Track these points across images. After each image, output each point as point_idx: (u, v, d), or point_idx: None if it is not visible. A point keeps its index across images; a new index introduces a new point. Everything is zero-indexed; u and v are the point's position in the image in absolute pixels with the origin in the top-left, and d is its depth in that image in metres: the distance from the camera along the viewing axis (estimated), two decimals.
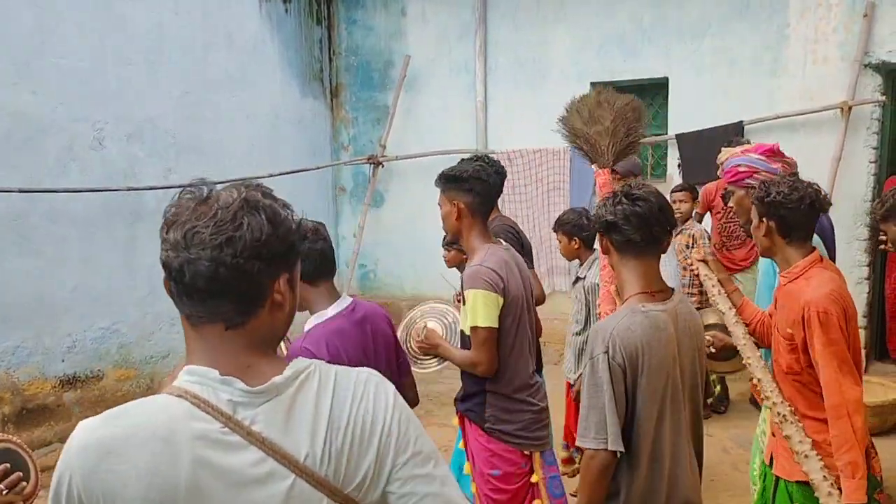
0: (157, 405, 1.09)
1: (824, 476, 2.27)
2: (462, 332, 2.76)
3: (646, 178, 6.33)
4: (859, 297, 5.58)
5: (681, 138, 6.02)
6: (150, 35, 5.73)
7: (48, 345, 4.98)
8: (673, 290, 2.15)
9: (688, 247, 4.73)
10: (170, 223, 1.11)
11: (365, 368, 1.24)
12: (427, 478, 1.18)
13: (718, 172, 5.19)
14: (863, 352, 5.45)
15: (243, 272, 1.08)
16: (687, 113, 6.07)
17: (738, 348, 2.44)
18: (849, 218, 5.54)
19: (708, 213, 5.48)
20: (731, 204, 2.68)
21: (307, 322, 2.32)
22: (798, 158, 5.74)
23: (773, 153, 2.83)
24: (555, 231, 4.10)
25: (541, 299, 3.36)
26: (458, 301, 2.88)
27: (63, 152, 5.13)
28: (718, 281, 2.65)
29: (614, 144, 3.11)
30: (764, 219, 2.44)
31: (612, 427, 1.93)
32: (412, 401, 2.50)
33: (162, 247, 1.11)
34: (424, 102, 7.37)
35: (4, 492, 1.89)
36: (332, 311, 2.31)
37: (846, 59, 5.45)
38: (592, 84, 6.52)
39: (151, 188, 5.66)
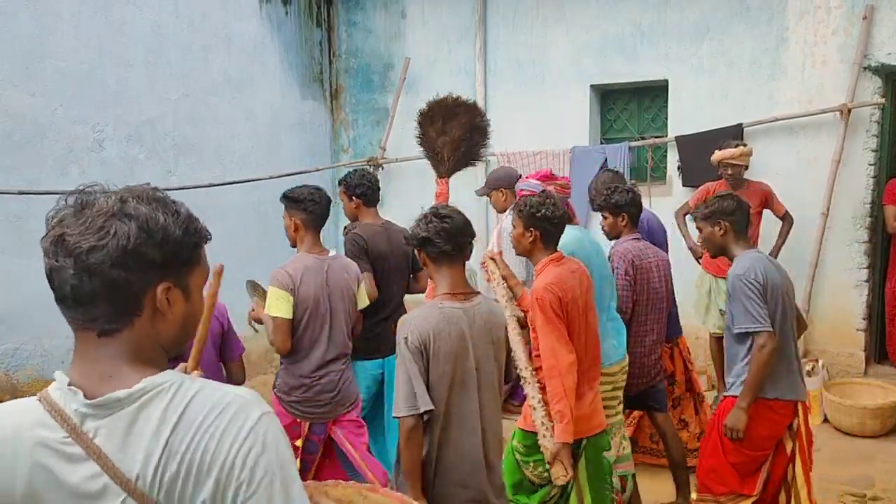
0: (15, 408, 1.10)
1: (542, 422, 2.90)
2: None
3: (645, 181, 6.34)
4: (858, 300, 5.58)
5: (680, 140, 6.02)
6: (149, 37, 5.74)
7: (47, 347, 4.98)
8: (478, 293, 2.62)
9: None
10: (47, 230, 1.11)
11: (238, 390, 1.15)
12: None
13: (719, 172, 5.28)
14: (862, 354, 5.50)
15: (109, 280, 1.07)
16: (687, 115, 6.07)
17: (507, 327, 2.89)
18: (848, 220, 5.54)
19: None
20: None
21: None
22: (797, 161, 5.81)
23: (548, 178, 3.56)
24: None
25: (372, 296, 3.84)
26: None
27: (63, 154, 5.13)
28: (502, 276, 3.20)
29: (455, 156, 3.60)
30: (531, 229, 3.04)
31: (419, 393, 2.38)
32: (240, 381, 3.18)
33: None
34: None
35: None
36: None
37: (845, 62, 5.45)
38: (592, 86, 6.53)
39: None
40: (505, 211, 4.53)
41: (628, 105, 6.71)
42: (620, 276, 3.70)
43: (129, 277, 1.08)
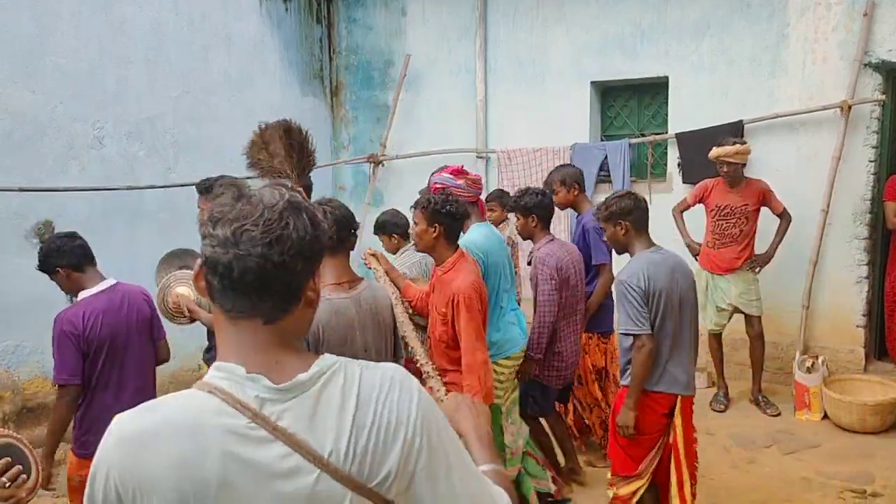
0: (188, 400, 1.11)
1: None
2: None
3: (645, 178, 6.33)
4: (858, 297, 5.58)
5: (681, 138, 6.02)
6: (149, 35, 5.74)
7: (48, 344, 4.97)
8: (362, 279, 2.80)
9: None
10: (215, 220, 1.14)
11: (390, 365, 1.24)
12: (446, 482, 1.18)
13: (717, 169, 5.26)
14: (862, 350, 5.50)
15: (288, 270, 1.13)
16: (687, 112, 6.07)
17: (398, 322, 2.96)
18: (848, 217, 5.54)
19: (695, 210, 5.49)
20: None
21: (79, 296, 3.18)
22: (798, 157, 5.81)
23: (459, 173, 3.68)
24: (376, 234, 4.66)
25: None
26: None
27: (63, 151, 5.14)
28: (384, 271, 3.33)
29: (296, 165, 3.84)
30: (435, 225, 3.17)
31: None
32: (166, 358, 3.49)
33: (207, 242, 1.14)
34: (424, 102, 7.37)
35: (7, 484, 1.91)
36: (96, 289, 3.16)
37: (846, 59, 5.44)
38: (593, 83, 6.53)
39: (151, 187, 5.66)
40: None
41: (629, 102, 6.71)
42: (546, 283, 3.90)
43: (303, 267, 1.16)
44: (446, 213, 3.15)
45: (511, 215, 5.11)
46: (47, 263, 3.17)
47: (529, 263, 4.14)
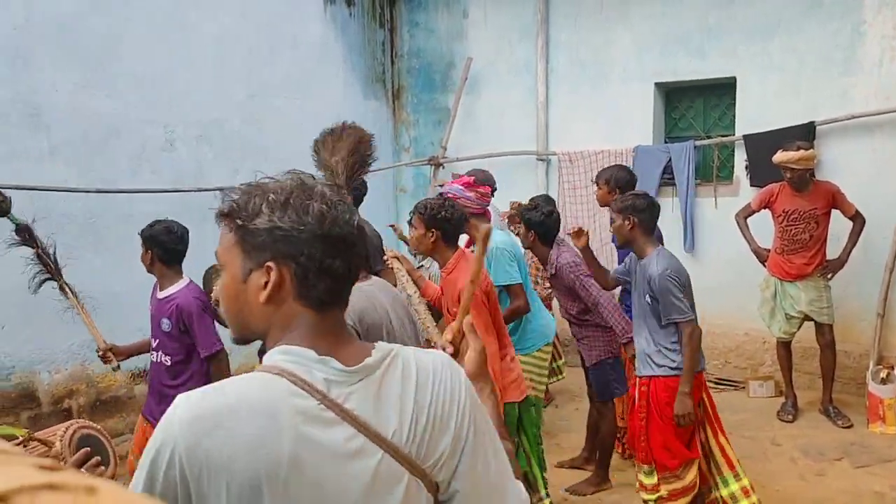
0: (258, 382, 1.11)
1: None
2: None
3: (711, 181, 6.19)
4: None
5: (748, 139, 5.86)
6: (216, 39, 5.90)
7: (118, 341, 5.16)
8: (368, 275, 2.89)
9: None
10: (280, 202, 1.21)
11: (437, 351, 1.30)
12: (484, 469, 1.22)
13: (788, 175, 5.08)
14: None
15: (358, 245, 1.22)
16: (755, 113, 5.91)
17: (420, 318, 3.02)
18: None
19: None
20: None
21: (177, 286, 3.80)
22: (874, 160, 5.58)
23: (469, 185, 3.98)
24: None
25: None
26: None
27: (136, 154, 5.32)
28: (406, 271, 3.36)
29: (346, 170, 3.98)
30: (432, 229, 3.38)
31: None
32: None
33: (288, 225, 1.17)
34: (485, 104, 7.37)
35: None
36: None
37: None
38: (657, 84, 6.42)
39: (219, 189, 5.80)
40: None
41: (694, 103, 6.57)
42: (584, 277, 4.14)
43: (361, 244, 1.25)
44: (441, 217, 3.37)
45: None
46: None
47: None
